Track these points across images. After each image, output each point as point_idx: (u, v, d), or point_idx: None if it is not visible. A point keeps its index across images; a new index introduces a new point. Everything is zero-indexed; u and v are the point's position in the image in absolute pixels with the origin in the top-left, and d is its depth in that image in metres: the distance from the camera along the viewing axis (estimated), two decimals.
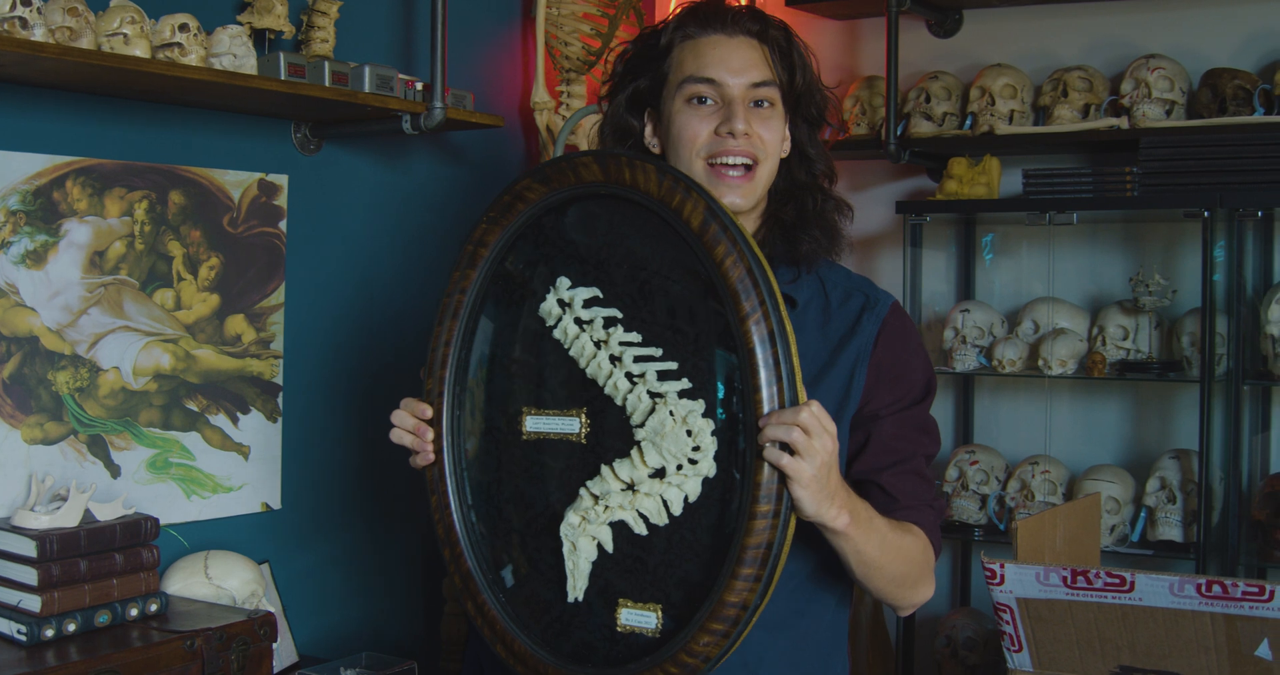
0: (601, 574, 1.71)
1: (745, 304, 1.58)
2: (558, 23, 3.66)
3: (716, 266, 1.60)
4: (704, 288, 1.63)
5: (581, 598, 1.71)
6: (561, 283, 1.73)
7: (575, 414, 1.72)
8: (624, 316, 1.69)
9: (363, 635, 3.19)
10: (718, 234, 1.60)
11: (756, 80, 1.87)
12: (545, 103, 3.63)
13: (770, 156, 1.88)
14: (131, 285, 2.68)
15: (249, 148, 2.91)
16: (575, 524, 1.70)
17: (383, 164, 3.24)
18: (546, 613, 1.74)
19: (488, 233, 1.78)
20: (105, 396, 2.64)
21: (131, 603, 2.44)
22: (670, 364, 1.64)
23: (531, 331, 1.75)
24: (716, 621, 1.60)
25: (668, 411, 1.63)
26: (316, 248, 3.06)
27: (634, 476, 1.66)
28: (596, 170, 1.70)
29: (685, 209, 1.62)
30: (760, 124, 1.86)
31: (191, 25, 2.48)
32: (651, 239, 1.67)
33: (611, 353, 1.68)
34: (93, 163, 2.60)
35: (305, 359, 3.04)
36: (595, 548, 1.70)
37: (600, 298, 1.71)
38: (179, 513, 2.77)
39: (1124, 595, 2.03)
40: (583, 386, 1.71)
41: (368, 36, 3.17)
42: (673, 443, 1.63)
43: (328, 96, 2.69)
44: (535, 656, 1.73)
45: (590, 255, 1.72)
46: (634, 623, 1.68)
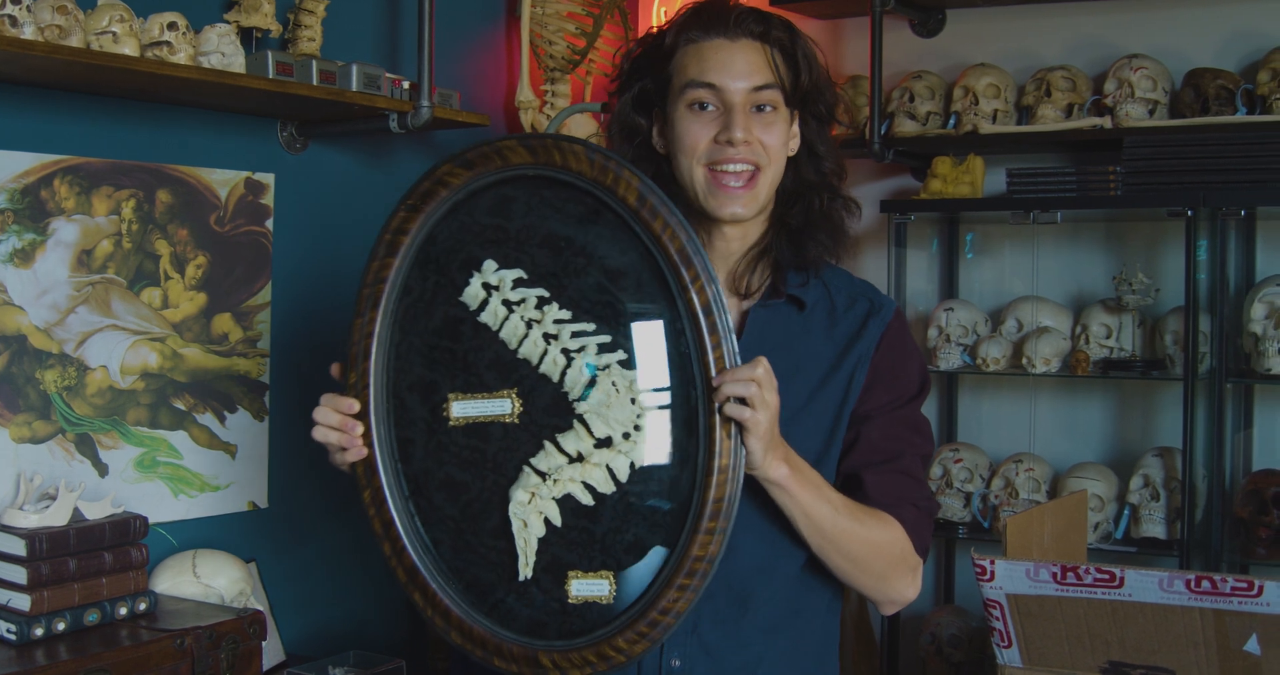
0: (547, 549, 1.72)
1: (689, 272, 1.65)
2: (542, 22, 3.66)
3: (656, 239, 1.66)
4: (635, 261, 1.68)
5: (530, 575, 1.72)
6: (488, 266, 1.73)
7: (506, 395, 1.72)
8: (552, 295, 1.71)
9: (350, 634, 3.19)
10: (655, 207, 1.66)
11: (758, 84, 1.84)
12: (530, 102, 3.63)
13: (774, 161, 1.86)
14: (119, 284, 2.67)
15: (236, 146, 2.90)
16: (524, 501, 1.71)
17: (368, 163, 3.24)
18: (490, 595, 1.74)
19: (407, 220, 1.76)
20: (93, 395, 2.64)
21: (121, 601, 2.43)
22: (605, 337, 1.69)
23: (453, 318, 1.75)
24: (684, 576, 1.66)
25: (610, 382, 1.68)
26: (303, 246, 3.06)
27: (581, 448, 1.69)
28: (524, 153, 1.71)
29: (620, 186, 1.67)
30: (763, 129, 1.85)
31: (180, 24, 2.48)
32: (573, 219, 1.71)
33: (546, 330, 1.70)
34: (80, 161, 2.59)
35: (292, 358, 3.03)
36: (543, 524, 1.72)
37: (526, 278, 1.72)
38: (166, 511, 2.76)
39: (1114, 591, 2.04)
40: (512, 367, 1.72)
41: (353, 35, 3.17)
42: (618, 412, 1.68)
43: (315, 95, 2.69)
44: (496, 637, 1.73)
45: (510, 238, 1.73)
46: (586, 593, 1.70)
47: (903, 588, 1.87)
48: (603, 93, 3.90)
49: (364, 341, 1.78)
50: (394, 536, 1.77)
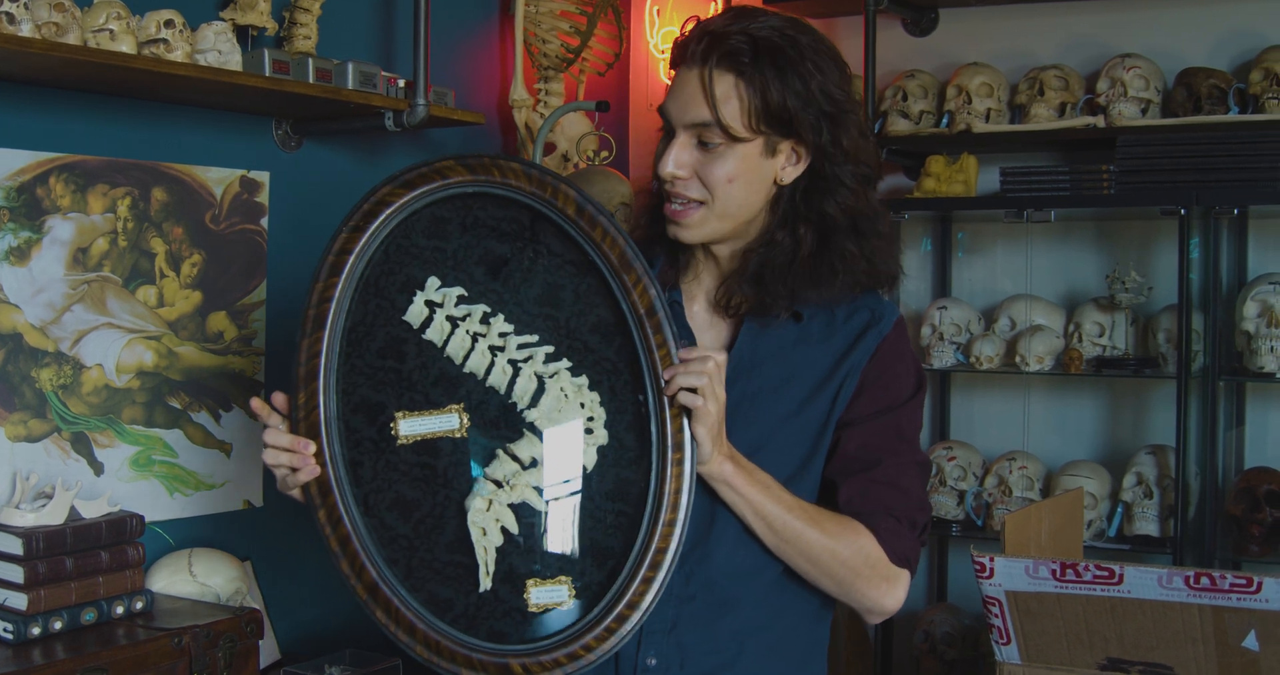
0: (504, 559, 1.72)
1: (630, 275, 1.69)
2: (536, 20, 3.66)
3: (597, 246, 1.70)
4: (575, 271, 1.72)
5: (490, 586, 1.72)
6: (431, 283, 1.75)
7: (453, 411, 1.73)
8: (495, 309, 1.74)
9: (344, 633, 3.18)
10: (594, 216, 1.70)
11: (691, 121, 1.76)
12: (524, 100, 3.63)
13: (718, 197, 1.77)
14: (114, 282, 2.67)
15: (230, 145, 2.90)
16: (483, 509, 1.72)
17: (363, 161, 3.23)
18: (449, 611, 1.73)
19: (349, 241, 1.75)
20: (88, 394, 2.63)
21: (117, 600, 2.43)
22: (549, 347, 1.72)
23: (395, 338, 1.75)
24: (648, 569, 1.68)
25: (559, 388, 1.71)
26: (297, 245, 3.05)
27: (534, 454, 1.71)
28: (463, 171, 1.73)
29: (559, 198, 1.70)
30: (706, 162, 1.76)
31: (177, 21, 2.47)
32: (508, 237, 1.74)
33: (492, 343, 1.72)
34: (76, 159, 2.58)
35: (287, 356, 3.02)
36: (500, 532, 1.72)
37: (467, 296, 1.74)
38: (162, 510, 2.76)
39: (1113, 588, 2.04)
40: (458, 383, 1.73)
41: (348, 33, 3.17)
42: (569, 416, 1.71)
43: (312, 93, 2.69)
44: (465, 647, 1.72)
45: (448, 258, 1.75)
46: (545, 600, 1.71)
47: (877, 597, 1.82)
48: (596, 91, 3.91)
49: (311, 362, 1.75)
50: (351, 553, 1.75)
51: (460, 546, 1.73)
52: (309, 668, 2.75)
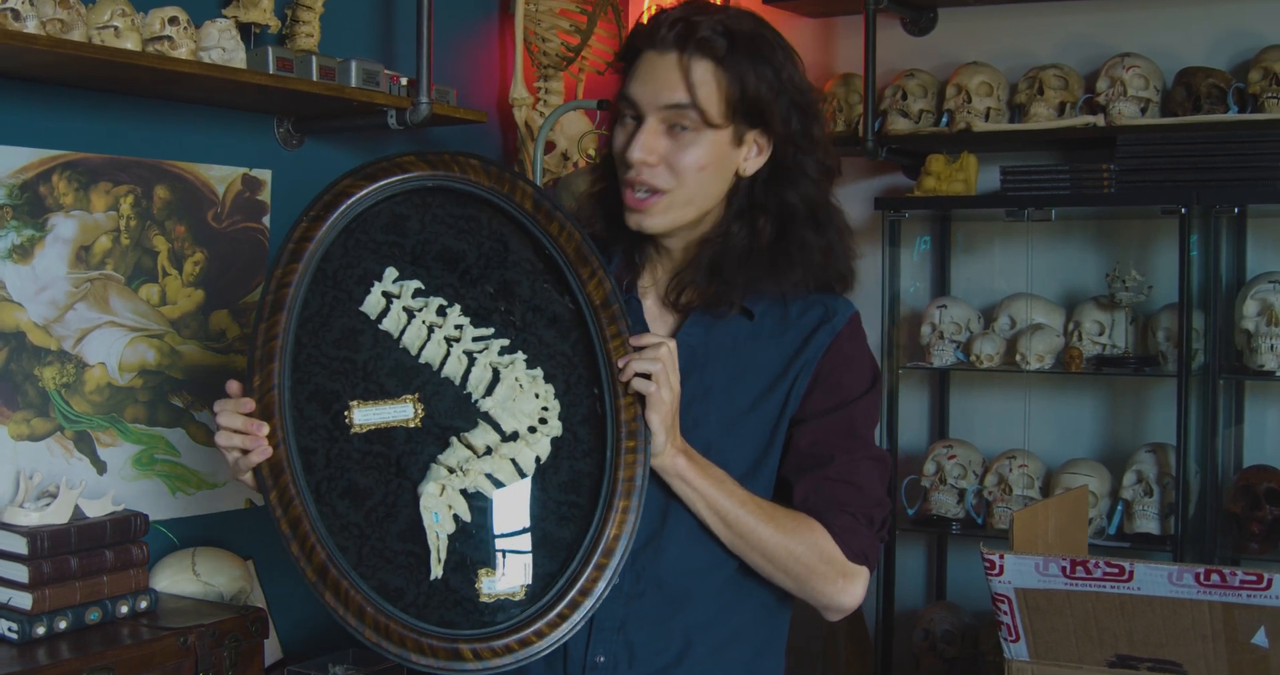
0: (455, 549, 1.72)
1: (585, 269, 1.74)
2: (536, 19, 3.66)
3: (554, 239, 1.74)
4: (530, 267, 1.76)
5: (441, 574, 1.71)
6: (389, 274, 1.75)
7: (408, 400, 1.74)
8: (449, 302, 1.76)
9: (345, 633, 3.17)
10: (550, 211, 1.74)
11: (667, 103, 1.74)
12: (524, 99, 3.63)
13: (685, 183, 1.77)
14: (117, 280, 2.66)
15: (232, 142, 2.89)
16: (435, 493, 1.72)
17: (364, 159, 3.21)
18: (400, 599, 1.71)
19: (309, 229, 1.74)
20: (91, 392, 2.62)
21: (122, 600, 2.42)
22: (504, 340, 1.75)
23: (350, 328, 1.74)
24: (601, 556, 1.71)
25: (513, 378, 1.74)
26: None
27: (488, 441, 1.73)
28: (423, 165, 1.74)
29: (517, 193, 1.74)
30: (676, 149, 1.76)
31: (181, 18, 2.47)
32: (465, 233, 1.76)
33: (448, 334, 1.74)
34: (79, 157, 2.57)
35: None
36: (453, 520, 1.72)
37: (424, 289, 1.75)
38: (164, 509, 2.75)
39: (1123, 585, 2.04)
40: (413, 373, 1.74)
41: (349, 31, 3.16)
42: (523, 405, 1.73)
43: (316, 91, 2.69)
44: (416, 631, 1.69)
45: (406, 253, 1.76)
46: (498, 590, 1.72)
47: (833, 594, 1.80)
48: (595, 90, 3.90)
49: (268, 345, 1.72)
50: (302, 535, 1.70)
51: (412, 535, 1.72)
52: (313, 667, 2.75)
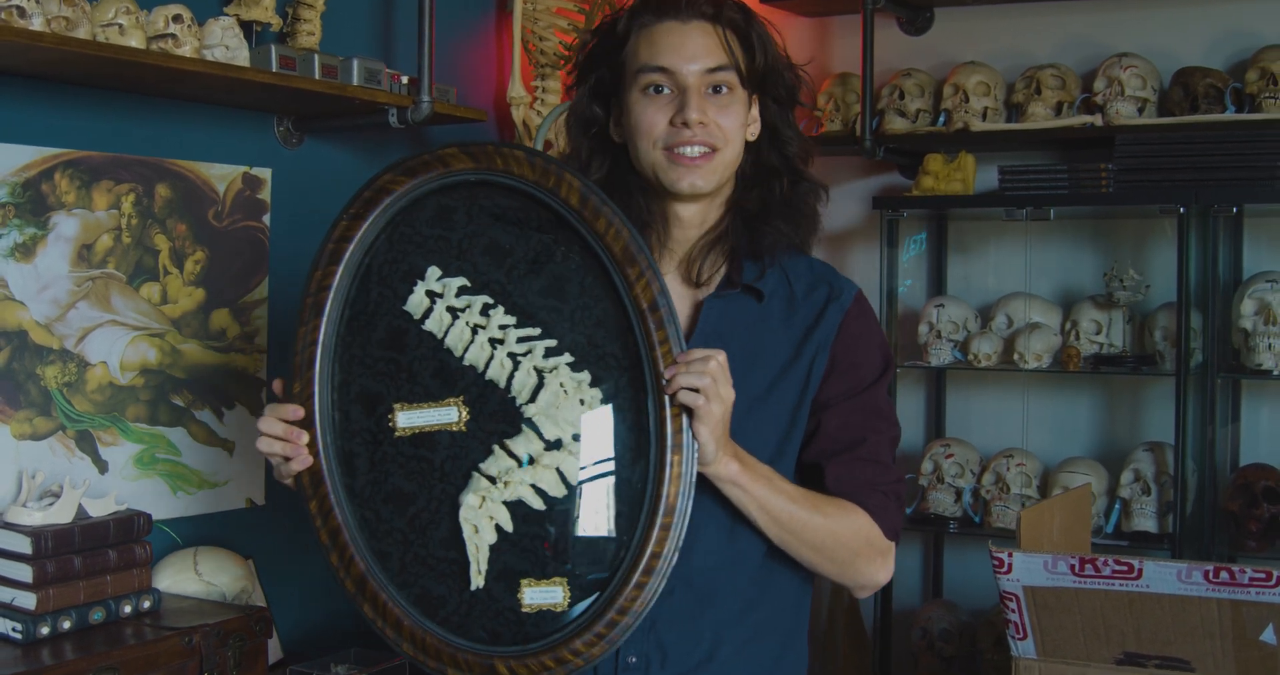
0: (499, 557, 1.69)
1: (633, 269, 1.66)
2: (534, 18, 3.66)
3: (600, 237, 1.66)
4: (579, 263, 1.69)
5: (483, 584, 1.69)
6: (432, 273, 1.72)
7: (452, 403, 1.70)
8: (496, 301, 1.70)
9: (347, 632, 3.17)
10: (597, 207, 1.66)
11: (711, 66, 1.82)
12: (522, 98, 3.62)
13: (730, 143, 1.85)
14: (119, 279, 2.65)
15: (233, 141, 2.88)
16: (475, 505, 1.68)
17: (364, 158, 3.22)
18: (442, 608, 1.71)
19: (349, 229, 1.73)
20: (93, 392, 2.61)
21: (125, 599, 2.41)
22: (551, 341, 1.68)
23: (396, 328, 1.73)
24: (642, 574, 1.64)
25: (558, 383, 1.67)
26: (299, 242, 3.03)
27: (531, 451, 1.68)
28: (466, 159, 1.71)
29: (563, 188, 1.67)
30: (719, 111, 1.83)
31: (185, 16, 2.46)
32: (514, 225, 1.71)
33: (492, 336, 1.69)
34: (81, 155, 2.56)
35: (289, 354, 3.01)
36: (494, 530, 1.69)
37: (469, 286, 1.71)
38: (165, 509, 2.74)
39: (1131, 582, 2.05)
40: (458, 375, 1.70)
41: (348, 30, 3.16)
42: (567, 412, 1.67)
43: (318, 89, 2.68)
44: (451, 647, 1.69)
45: (452, 247, 1.72)
46: (540, 600, 1.68)
47: (872, 572, 1.85)
48: None
49: (308, 350, 1.73)
50: (341, 545, 1.72)
51: (454, 543, 1.70)
52: (315, 666, 2.74)
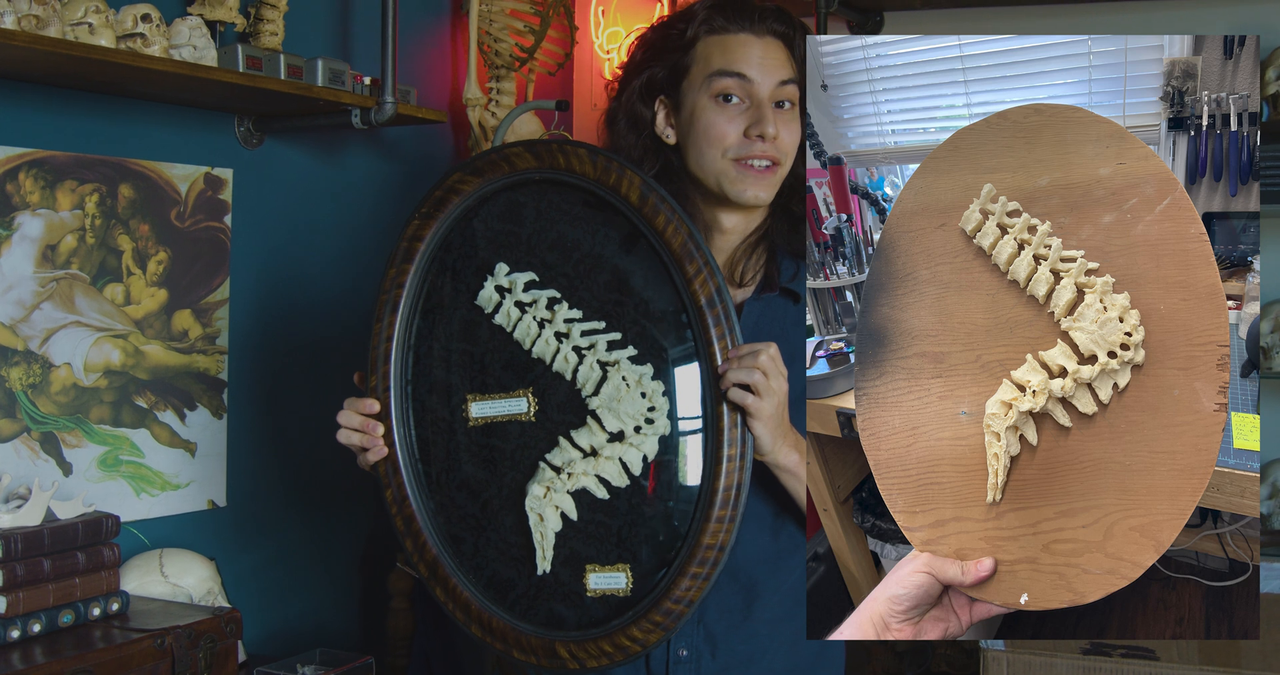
0: (565, 543, 1.76)
1: (691, 266, 1.69)
2: (489, 19, 3.66)
3: (659, 234, 1.70)
4: (641, 259, 1.73)
5: (549, 569, 1.75)
6: (500, 269, 1.78)
7: (522, 394, 1.77)
8: (562, 295, 1.76)
9: (308, 633, 3.17)
10: (656, 204, 1.71)
11: (784, 79, 1.88)
12: (478, 99, 3.63)
13: (789, 157, 1.90)
14: (82, 280, 2.63)
15: (194, 141, 2.87)
16: (540, 495, 1.75)
17: (322, 159, 3.22)
18: (511, 591, 1.78)
19: (421, 228, 1.81)
20: (57, 393, 2.59)
21: (94, 602, 2.40)
22: (615, 334, 1.73)
23: (468, 321, 1.80)
24: (696, 565, 1.69)
25: (620, 377, 1.72)
26: (260, 242, 3.03)
27: (593, 442, 1.73)
28: (530, 158, 1.76)
29: (623, 185, 1.71)
30: (784, 126, 1.87)
31: (154, 16, 2.45)
32: (580, 221, 1.75)
33: (558, 329, 1.75)
34: (45, 154, 2.54)
35: (250, 355, 3.01)
36: (560, 518, 1.75)
37: (537, 281, 1.77)
38: (129, 510, 2.72)
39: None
40: (527, 367, 1.77)
41: (308, 30, 3.15)
42: (629, 405, 1.72)
43: (284, 90, 2.67)
44: (515, 630, 1.77)
45: (522, 242, 1.78)
46: (604, 586, 1.74)
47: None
48: (544, 91, 3.92)
49: (383, 346, 1.82)
50: (415, 531, 1.80)
51: (522, 529, 1.77)
52: (281, 667, 2.73)
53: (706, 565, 1.69)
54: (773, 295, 1.92)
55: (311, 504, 3.18)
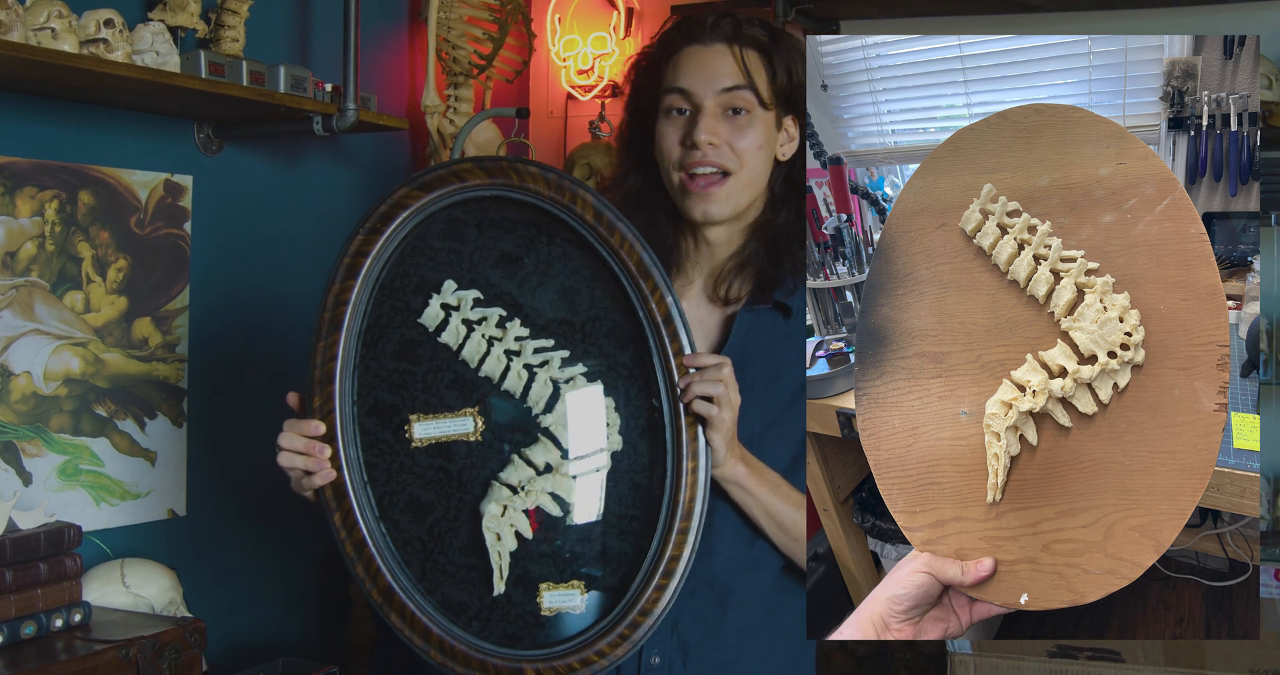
0: (518, 563, 1.73)
1: (647, 283, 1.69)
2: (448, 26, 3.65)
3: (615, 252, 1.69)
4: (590, 276, 1.72)
5: (504, 590, 1.73)
6: (448, 286, 1.75)
7: (468, 414, 1.74)
8: (511, 313, 1.74)
9: (268, 643, 3.14)
10: (612, 221, 1.69)
11: (726, 86, 1.83)
12: (436, 106, 3.62)
13: (745, 164, 1.85)
14: (42, 287, 2.60)
15: (153, 148, 2.84)
16: (498, 514, 1.72)
17: (282, 166, 3.19)
18: (463, 613, 1.75)
19: (366, 243, 1.75)
20: (17, 402, 2.55)
21: (56, 613, 2.37)
22: (564, 352, 1.72)
23: (410, 340, 1.76)
24: (661, 576, 1.69)
25: (573, 394, 1.71)
26: (219, 249, 3.00)
27: (549, 459, 1.72)
28: (481, 174, 1.73)
29: (578, 203, 1.70)
30: (734, 132, 1.84)
31: (116, 21, 2.42)
32: (526, 239, 1.74)
33: (508, 347, 1.73)
34: (5, 161, 2.51)
35: (209, 363, 2.97)
36: (515, 537, 1.73)
37: (483, 299, 1.75)
38: (89, 520, 2.69)
39: None
40: (473, 386, 1.74)
41: (269, 37, 3.12)
42: (583, 422, 1.71)
43: (247, 96, 2.65)
44: (479, 654, 1.73)
45: (464, 260, 1.75)
46: (558, 604, 1.72)
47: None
48: (501, 98, 3.91)
49: (326, 365, 1.75)
50: (367, 558, 1.75)
51: (473, 550, 1.74)
52: None
53: (672, 577, 1.69)
54: (765, 308, 1.90)
55: (271, 513, 3.15)
